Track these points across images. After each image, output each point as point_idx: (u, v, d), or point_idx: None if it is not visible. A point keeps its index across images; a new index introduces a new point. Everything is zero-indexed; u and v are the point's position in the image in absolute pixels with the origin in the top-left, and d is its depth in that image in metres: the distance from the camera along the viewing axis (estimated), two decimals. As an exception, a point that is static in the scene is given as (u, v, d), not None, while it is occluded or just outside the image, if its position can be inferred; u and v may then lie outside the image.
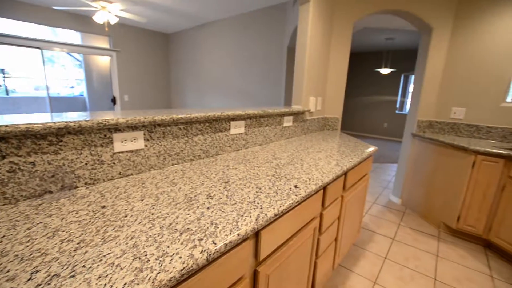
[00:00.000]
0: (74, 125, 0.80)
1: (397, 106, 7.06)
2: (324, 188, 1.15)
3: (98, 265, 0.50)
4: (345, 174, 1.36)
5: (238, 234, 0.63)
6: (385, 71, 6.01)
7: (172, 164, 1.15)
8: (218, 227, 0.65)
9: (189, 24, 5.22)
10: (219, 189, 0.89)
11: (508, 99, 2.32)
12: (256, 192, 0.88)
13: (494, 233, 1.96)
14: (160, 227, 0.64)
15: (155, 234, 0.61)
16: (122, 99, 5.59)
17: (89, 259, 0.51)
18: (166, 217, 0.69)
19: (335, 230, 1.42)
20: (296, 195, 0.88)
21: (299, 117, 2.04)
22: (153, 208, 0.74)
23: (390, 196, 3.04)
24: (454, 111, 2.53)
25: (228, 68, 4.78)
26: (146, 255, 0.53)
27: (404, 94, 6.96)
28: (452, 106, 2.55)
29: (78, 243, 0.56)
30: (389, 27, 4.17)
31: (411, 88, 6.50)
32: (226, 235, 0.62)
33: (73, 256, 0.52)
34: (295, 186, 0.95)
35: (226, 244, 0.60)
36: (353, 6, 2.34)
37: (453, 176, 2.18)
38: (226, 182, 0.96)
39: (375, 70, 7.10)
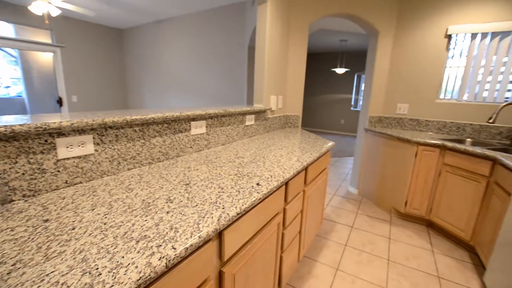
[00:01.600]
0: (5, 131, 0.70)
1: (352, 103, 7.59)
2: (286, 184, 1.18)
3: (39, 286, 0.44)
4: (305, 169, 1.43)
5: (199, 237, 0.62)
6: (340, 70, 6.41)
7: (128, 169, 1.08)
8: (178, 231, 0.63)
9: (145, 20, 4.94)
10: (180, 192, 0.86)
11: (441, 96, 2.66)
12: (219, 192, 0.87)
13: (434, 213, 2.24)
14: (114, 237, 0.60)
15: (107, 245, 0.57)
16: (70, 100, 5.07)
17: (27, 281, 0.46)
18: (121, 225, 0.65)
19: (299, 223, 1.48)
20: (258, 192, 0.89)
21: (261, 116, 2.07)
22: (106, 217, 0.68)
23: (348, 187, 3.27)
24: (399, 107, 2.81)
25: (189, 67, 4.64)
26: (97, 268, 0.49)
27: (358, 92, 7.51)
28: (397, 102, 2.82)
29: (13, 265, 0.49)
30: (343, 30, 4.46)
31: (363, 86, 7.06)
32: (186, 238, 0.61)
33: (6, 281, 0.46)
34: (257, 184, 0.97)
35: (187, 248, 0.59)
36: (308, 9, 2.44)
37: (400, 165, 2.42)
38: (187, 184, 0.94)
39: (331, 70, 7.53)
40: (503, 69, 2.35)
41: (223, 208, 0.76)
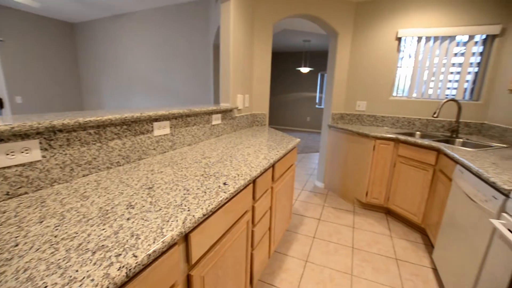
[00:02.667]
0: None
1: (317, 101, 7.92)
2: (254, 181, 1.19)
3: (-28, 313, 0.39)
4: (272, 166, 1.45)
5: (163, 242, 0.60)
6: (304, 70, 6.63)
7: (83, 175, 0.99)
8: (140, 238, 0.60)
9: (99, 14, 4.58)
10: (142, 197, 0.82)
11: (394, 94, 2.90)
12: (184, 194, 0.85)
13: (391, 201, 2.44)
14: (66, 250, 0.55)
15: (59, 259, 0.52)
16: (13, 102, 4.51)
17: (-43, 309, 0.40)
18: (75, 237, 0.60)
19: (268, 220, 1.51)
20: (225, 192, 0.88)
21: (228, 115, 2.06)
22: (57, 229, 0.63)
23: (315, 182, 3.41)
24: (359, 104, 3.00)
25: (153, 66, 4.42)
26: (46, 286, 0.45)
27: (322, 91, 7.85)
28: (356, 100, 3.01)
29: None
30: (305, 30, 4.62)
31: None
32: (149, 245, 0.58)
33: None
34: (224, 183, 0.96)
35: (150, 255, 0.56)
36: (272, 9, 2.48)
37: (361, 158, 2.59)
38: (150, 188, 0.90)
39: (296, 69, 7.75)
40: (444, 69, 2.64)
41: (189, 210, 0.74)
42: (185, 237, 0.74)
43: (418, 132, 2.63)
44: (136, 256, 0.54)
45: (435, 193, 1.99)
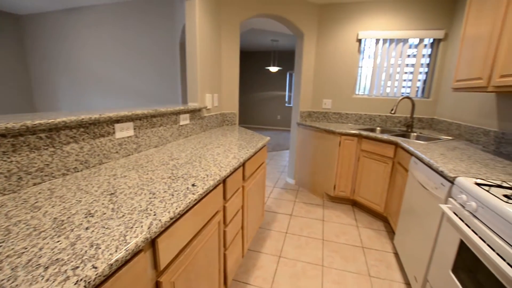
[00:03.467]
0: None
1: (286, 100, 8.09)
2: (224, 181, 1.19)
3: None
4: (243, 165, 1.46)
5: (126, 250, 0.57)
6: (273, 69, 6.73)
7: (34, 184, 0.90)
8: (100, 248, 0.56)
9: (50, 5, 4.18)
10: (103, 203, 0.77)
11: (357, 92, 3.07)
12: (150, 198, 0.82)
13: (357, 193, 2.59)
14: (12, 269, 0.49)
15: (2, 280, 0.47)
16: None
17: None
18: (23, 253, 0.54)
19: (240, 219, 1.51)
20: (193, 193, 0.87)
21: (197, 115, 2.02)
22: (0, 246, 0.56)
23: (286, 179, 3.49)
24: (325, 102, 3.13)
25: (114, 64, 4.15)
26: (-13, 310, 0.40)
27: (291, 90, 8.04)
28: (323, 98, 3.14)
29: None
30: (273, 30, 4.68)
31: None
32: (111, 254, 0.55)
33: None
34: (193, 185, 0.94)
35: (112, 265, 0.53)
36: (238, 8, 2.48)
37: (328, 154, 2.71)
38: (112, 193, 0.85)
39: (265, 68, 7.84)
40: (399, 69, 2.86)
41: (155, 215, 0.71)
42: (152, 243, 0.71)
43: (378, 128, 2.82)
44: (96, 268, 0.51)
45: (394, 184, 2.16)
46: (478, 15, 1.67)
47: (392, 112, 2.42)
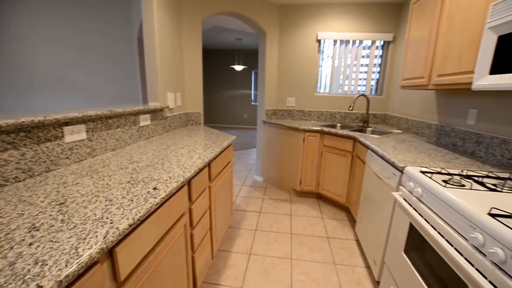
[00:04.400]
0: None
1: (252, 98, 8.15)
2: (189, 183, 1.16)
3: None
4: (208, 165, 1.43)
5: (79, 264, 0.52)
6: (238, 68, 6.72)
7: (-38, 199, 0.78)
8: (47, 264, 0.51)
9: (-22, -6, 3.63)
10: (51, 215, 0.70)
11: (318, 90, 3.21)
12: (106, 205, 0.76)
13: (321, 187, 2.71)
14: None
15: None
16: None
17: None
18: None
19: (208, 220, 1.49)
20: (155, 197, 0.83)
21: (158, 115, 1.93)
22: None
23: (254, 177, 3.52)
24: (288, 101, 3.22)
25: (61, 60, 3.76)
26: None
27: (256, 88, 8.11)
28: (286, 96, 3.22)
29: None
30: (237, 29, 4.66)
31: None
32: (60, 270, 0.50)
33: None
34: (154, 188, 0.90)
35: (61, 281, 0.48)
36: (198, 4, 2.42)
37: (293, 150, 2.80)
38: (61, 203, 0.77)
39: (230, 67, 7.79)
40: (355, 69, 3.06)
41: (111, 223, 0.67)
42: (110, 253, 0.66)
43: (338, 124, 2.99)
44: (41, 287, 0.46)
45: (354, 176, 2.31)
46: (419, 21, 1.86)
47: (350, 109, 2.59)
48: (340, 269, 1.77)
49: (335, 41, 3.02)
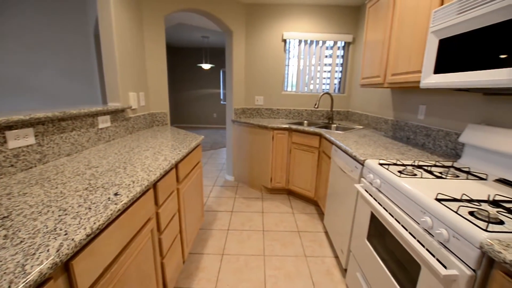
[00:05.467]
0: None
1: (221, 97, 8.06)
2: (154, 186, 1.11)
3: None
4: (176, 167, 1.39)
5: (26, 283, 0.47)
6: (206, 66, 6.59)
7: None
8: (-14, 286, 0.45)
9: None
10: (-9, 231, 0.62)
11: (285, 89, 3.28)
12: (59, 216, 0.70)
13: (291, 183, 2.79)
14: None
15: None
16: None
17: None
18: None
19: (177, 223, 1.44)
20: (116, 204, 0.78)
21: (120, 116, 1.82)
22: None
23: (225, 176, 3.50)
24: (257, 99, 3.25)
25: (11, 59, 3.34)
26: None
27: (225, 87, 8.04)
28: (255, 95, 3.25)
29: None
30: (202, 26, 4.56)
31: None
32: (3, 291, 0.45)
33: None
34: (115, 194, 0.84)
35: (5, 303, 0.43)
36: (160, 0, 2.32)
37: (263, 148, 2.83)
38: (5, 217, 0.69)
39: (197, 65, 7.61)
40: (319, 68, 3.19)
41: (66, 235, 0.61)
42: (65, 267, 0.61)
43: (306, 121, 3.09)
44: (-21, 312, 0.40)
45: (321, 171, 2.41)
46: (374, 24, 1.99)
47: (316, 106, 2.69)
48: (310, 261, 1.84)
49: (300, 41, 3.12)
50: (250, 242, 2.04)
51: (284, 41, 3.09)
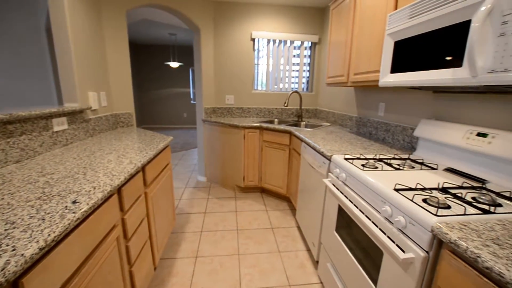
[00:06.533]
0: None
1: (191, 96, 7.86)
2: (119, 191, 1.05)
3: None
4: (142, 170, 1.33)
5: (-36, 306, 0.42)
6: (174, 64, 6.37)
7: None
8: None
9: None
10: None
11: (256, 88, 3.30)
12: (6, 230, 0.63)
13: (264, 181, 2.82)
14: None
15: None
16: None
17: None
18: None
19: (146, 229, 1.38)
20: (74, 212, 0.72)
21: (78, 117, 1.68)
22: None
23: (198, 177, 3.42)
24: (227, 98, 3.22)
25: None
26: None
27: (195, 86, 7.85)
28: (225, 94, 3.22)
29: None
30: (169, 23, 4.40)
31: (199, 80, 7.42)
32: None
33: None
34: (74, 202, 0.78)
35: None
36: (121, -7, 2.19)
37: (235, 147, 2.82)
38: None
39: (165, 63, 7.33)
40: (288, 67, 3.26)
41: (14, 250, 0.55)
42: (15, 286, 0.55)
43: (276, 119, 3.15)
44: None
45: (292, 167, 2.47)
46: (338, 25, 2.09)
47: (285, 105, 2.75)
48: (284, 255, 1.88)
49: (268, 41, 3.15)
50: (224, 242, 2.02)
51: (253, 40, 3.11)
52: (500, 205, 0.82)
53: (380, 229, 0.95)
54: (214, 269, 1.73)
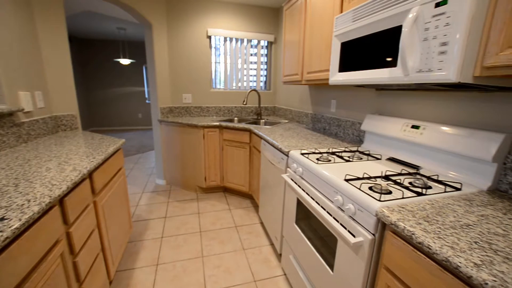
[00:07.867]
0: None
1: (146, 96, 7.41)
2: (61, 202, 0.94)
3: None
4: (90, 177, 1.21)
5: None
6: (125, 61, 5.92)
7: None
8: None
9: None
10: None
11: (214, 86, 3.25)
12: None
13: (226, 180, 2.80)
14: None
15: None
16: None
17: None
18: None
19: (98, 240, 1.27)
20: (2, 231, 0.63)
21: (7, 121, 1.46)
22: None
23: (156, 181, 3.25)
24: (185, 97, 3.12)
25: None
26: None
27: (149, 85, 7.41)
28: (182, 93, 3.11)
29: None
30: (117, 16, 4.05)
31: (154, 78, 7.00)
32: None
33: None
34: (2, 219, 0.68)
35: None
36: (55, -20, 1.95)
37: (195, 148, 2.75)
38: None
39: (114, 60, 6.77)
40: (246, 66, 3.28)
41: None
42: None
43: (236, 118, 3.14)
44: None
45: (253, 165, 2.50)
46: (291, 26, 2.16)
47: (244, 103, 2.76)
48: (249, 252, 1.90)
49: (225, 39, 3.13)
50: (187, 246, 1.97)
51: (209, 37, 3.05)
52: (430, 187, 0.95)
53: (333, 218, 1.02)
54: (177, 275, 1.67)
